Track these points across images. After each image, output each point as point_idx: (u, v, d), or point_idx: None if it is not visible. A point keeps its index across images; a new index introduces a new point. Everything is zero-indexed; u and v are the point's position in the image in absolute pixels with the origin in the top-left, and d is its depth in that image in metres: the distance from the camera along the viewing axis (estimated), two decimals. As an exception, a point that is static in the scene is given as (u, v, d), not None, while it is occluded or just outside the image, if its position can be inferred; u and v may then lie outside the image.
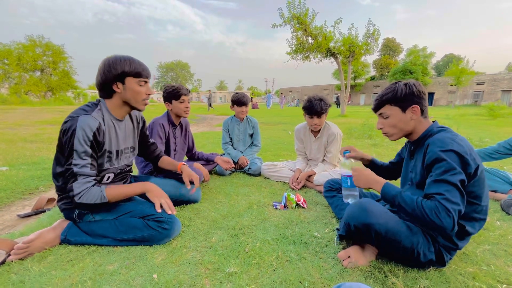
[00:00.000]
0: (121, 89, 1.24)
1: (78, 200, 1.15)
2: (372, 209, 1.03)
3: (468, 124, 8.16)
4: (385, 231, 1.00)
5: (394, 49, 49.28)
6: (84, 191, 1.16)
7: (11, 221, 1.59)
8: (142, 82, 1.27)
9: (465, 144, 0.97)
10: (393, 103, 1.11)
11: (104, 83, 1.23)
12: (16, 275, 1.03)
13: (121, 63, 1.20)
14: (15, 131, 5.34)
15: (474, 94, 31.75)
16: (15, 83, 22.50)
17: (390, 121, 1.14)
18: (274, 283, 1.00)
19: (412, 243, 1.02)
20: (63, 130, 1.16)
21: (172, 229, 1.26)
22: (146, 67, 1.29)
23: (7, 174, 2.36)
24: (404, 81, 1.11)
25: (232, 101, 2.72)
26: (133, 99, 1.28)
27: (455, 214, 0.89)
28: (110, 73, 1.20)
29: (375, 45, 11.92)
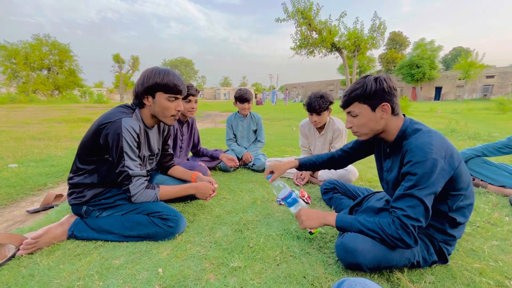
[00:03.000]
0: (151, 103, 1.27)
1: (134, 200, 1.25)
2: (357, 247, 0.95)
3: (477, 119, 8.00)
4: (377, 264, 0.97)
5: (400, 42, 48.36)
6: (140, 192, 1.25)
7: (21, 217, 1.63)
8: (172, 98, 1.27)
9: (442, 146, 0.91)
10: (362, 100, 1.03)
11: (137, 95, 1.27)
12: (25, 268, 1.06)
13: (155, 76, 1.22)
14: (23, 129, 5.44)
15: (484, 88, 31.04)
16: (23, 82, 22.88)
17: (359, 120, 1.06)
18: (278, 278, 1.01)
19: (408, 259, 1.00)
20: (106, 133, 1.16)
21: (177, 226, 1.27)
22: (181, 83, 1.28)
23: (16, 171, 2.41)
24: (374, 76, 1.02)
25: (235, 97, 2.71)
26: (161, 114, 1.29)
27: (414, 230, 0.89)
28: (143, 85, 1.23)
29: (381, 39, 11.74)
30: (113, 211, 1.30)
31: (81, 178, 1.27)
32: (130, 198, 1.25)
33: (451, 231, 1.03)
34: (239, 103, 2.68)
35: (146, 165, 1.41)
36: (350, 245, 0.97)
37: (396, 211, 0.93)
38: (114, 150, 1.17)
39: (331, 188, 1.70)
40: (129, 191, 1.22)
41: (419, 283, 0.98)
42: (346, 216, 1.06)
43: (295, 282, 0.99)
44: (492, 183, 1.95)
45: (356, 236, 0.99)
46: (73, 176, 1.28)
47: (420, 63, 30.51)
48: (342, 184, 1.69)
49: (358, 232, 1.00)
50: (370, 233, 0.97)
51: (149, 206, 1.29)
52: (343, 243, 1.00)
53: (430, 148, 0.90)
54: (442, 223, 1.02)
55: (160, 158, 1.62)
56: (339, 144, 2.17)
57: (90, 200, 1.28)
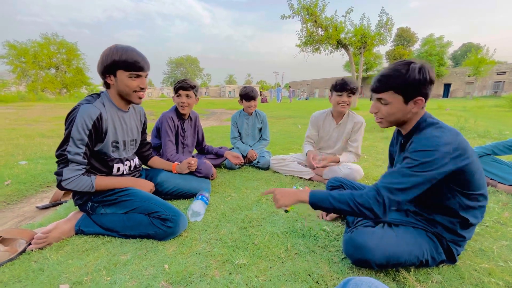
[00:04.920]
0: (114, 81, 1.24)
1: (64, 185, 1.16)
2: (366, 243, 0.94)
3: (487, 116, 7.82)
4: (386, 261, 0.95)
5: (408, 39, 47.46)
6: (73, 178, 1.17)
7: (31, 213, 1.67)
8: (134, 75, 1.23)
9: (451, 142, 0.87)
10: (398, 90, 0.95)
11: (100, 75, 1.24)
12: (36, 263, 1.08)
13: (113, 54, 1.18)
14: (33, 126, 5.55)
15: (494, 84, 30.30)
16: (32, 80, 23.28)
17: (388, 109, 0.99)
18: (283, 275, 1.01)
19: (417, 257, 0.98)
20: (66, 118, 1.19)
21: (177, 226, 1.25)
22: (141, 59, 1.23)
23: (26, 168, 2.46)
24: (419, 65, 0.92)
25: (240, 95, 2.67)
26: (125, 92, 1.26)
27: (387, 202, 0.87)
28: (102, 64, 1.20)
29: (388, 35, 11.52)
30: (116, 208, 1.31)
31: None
32: (60, 183, 1.16)
33: (461, 231, 1.00)
34: (245, 101, 2.64)
35: (128, 151, 1.41)
36: (359, 240, 0.96)
37: (377, 183, 0.92)
38: (64, 134, 1.16)
39: (337, 185, 1.67)
40: (61, 175, 1.14)
41: (426, 283, 0.97)
42: (320, 192, 1.01)
43: (300, 280, 0.99)
44: (503, 182, 1.90)
45: (365, 231, 0.98)
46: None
47: (428, 59, 29.88)
48: (349, 181, 1.67)
49: (330, 207, 0.96)
50: (341, 206, 0.94)
51: (149, 205, 1.28)
52: (351, 239, 0.99)
53: (437, 141, 0.87)
54: (453, 222, 1.00)
55: (139, 148, 1.60)
56: (360, 137, 2.08)
57: (94, 198, 1.30)
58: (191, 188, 1.74)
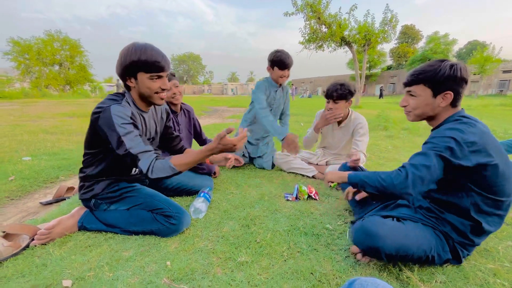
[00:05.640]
0: (134, 84, 1.19)
1: (152, 176, 1.11)
2: (377, 231, 0.95)
3: (492, 115, 7.73)
4: (395, 251, 0.95)
5: (413, 36, 46.99)
6: (151, 164, 1.11)
7: (34, 208, 1.68)
8: (155, 77, 1.17)
9: (472, 136, 0.89)
10: (428, 83, 1.01)
11: (120, 77, 1.20)
12: (39, 258, 1.09)
13: (132, 54, 1.11)
14: (36, 123, 5.58)
15: (500, 83, 29.93)
16: (35, 77, 23.41)
17: (416, 101, 1.05)
18: (285, 274, 1.00)
19: (424, 251, 0.98)
20: (100, 124, 1.12)
21: (180, 224, 1.25)
22: (161, 57, 1.15)
23: (30, 164, 2.48)
24: (451, 62, 0.98)
25: (272, 61, 2.17)
26: (147, 94, 1.21)
27: (411, 176, 0.93)
28: (121, 66, 1.15)
29: (393, 33, 11.41)
30: (120, 205, 1.31)
31: (90, 169, 1.28)
32: (148, 177, 1.12)
33: (471, 235, 0.99)
34: (278, 69, 2.16)
35: None
36: (371, 228, 0.97)
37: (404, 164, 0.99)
38: (111, 137, 1.11)
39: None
40: (142, 170, 1.12)
41: (430, 283, 0.96)
42: (355, 173, 1.15)
43: (302, 278, 0.98)
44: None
45: (377, 220, 1.00)
46: (83, 169, 1.30)
47: (433, 57, 29.56)
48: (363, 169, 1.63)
49: (362, 183, 1.08)
50: (370, 182, 1.04)
51: (153, 202, 1.28)
52: (363, 226, 0.99)
53: (455, 133, 0.91)
54: (464, 224, 0.98)
55: (168, 143, 1.57)
56: (362, 137, 2.05)
57: (99, 194, 1.30)
58: (194, 185, 1.74)
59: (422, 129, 4.86)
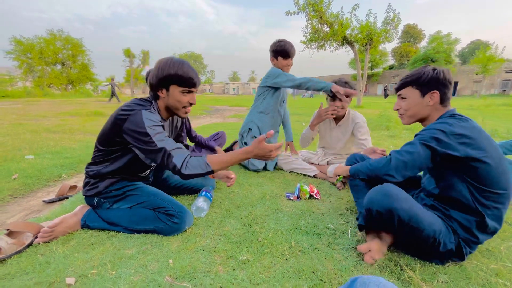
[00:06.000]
0: (165, 95, 1.26)
1: (186, 172, 1.13)
2: (396, 193, 0.98)
3: (495, 115, 7.69)
4: (408, 218, 0.96)
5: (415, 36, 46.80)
6: (186, 160, 1.14)
7: (37, 206, 1.69)
8: (186, 91, 1.25)
9: (460, 130, 0.95)
10: (415, 85, 1.12)
11: (152, 87, 1.26)
12: (42, 256, 1.10)
13: (169, 68, 1.19)
14: (39, 122, 5.61)
15: (503, 83, 29.77)
16: (38, 76, 23.53)
17: (407, 102, 1.15)
18: (286, 272, 1.01)
19: (434, 231, 0.98)
20: (128, 126, 1.15)
21: (183, 223, 1.26)
22: (195, 75, 1.25)
23: (32, 163, 2.49)
24: (433, 66, 1.10)
25: (275, 51, 2.14)
26: (174, 106, 1.28)
27: (394, 160, 1.04)
28: (157, 77, 1.22)
29: (395, 32, 11.35)
30: (123, 203, 1.32)
31: (101, 166, 1.28)
32: (181, 173, 1.14)
33: (476, 232, 1.00)
34: (282, 59, 2.13)
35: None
36: (392, 190, 1.00)
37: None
38: (141, 139, 1.14)
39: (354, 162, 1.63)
40: (175, 166, 1.13)
41: (432, 282, 0.96)
42: (354, 165, 1.28)
43: (304, 277, 0.98)
44: (511, 182, 1.87)
45: (396, 186, 1.03)
46: (92, 165, 1.30)
47: (435, 57, 29.43)
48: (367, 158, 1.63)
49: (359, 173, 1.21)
50: (362, 169, 1.17)
51: (155, 200, 1.29)
52: (383, 187, 1.02)
53: (445, 126, 0.98)
54: (469, 221, 1.00)
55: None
56: (364, 135, 2.03)
57: (102, 192, 1.31)
58: (196, 183, 1.74)
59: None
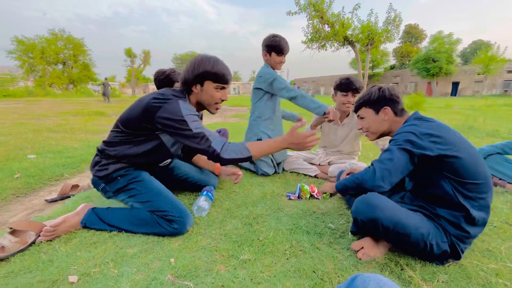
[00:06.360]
0: (198, 91, 1.29)
1: (225, 156, 1.17)
2: (378, 203, 1.02)
3: (496, 115, 7.68)
4: (393, 225, 0.99)
5: (416, 36, 46.67)
6: (225, 145, 1.19)
7: (40, 205, 1.70)
8: (220, 87, 1.29)
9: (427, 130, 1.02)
10: (367, 105, 1.25)
11: (186, 82, 1.28)
12: (45, 254, 1.11)
13: (205, 64, 1.23)
14: (40, 121, 5.63)
15: (504, 83, 29.65)
16: (39, 76, 23.59)
17: (366, 121, 1.27)
18: (287, 272, 1.01)
19: (422, 235, 1.00)
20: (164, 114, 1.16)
21: (182, 228, 1.25)
22: (229, 72, 1.29)
23: (35, 162, 2.51)
24: (379, 86, 1.25)
25: (268, 46, 2.03)
26: (207, 102, 1.31)
27: (378, 170, 1.04)
28: (192, 73, 1.24)
29: (396, 32, 11.35)
30: (125, 195, 1.32)
31: (122, 148, 1.28)
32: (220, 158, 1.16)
33: (466, 226, 1.01)
34: (276, 55, 2.04)
35: (178, 149, 1.46)
36: (373, 199, 1.03)
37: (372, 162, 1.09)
38: (177, 127, 1.16)
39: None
40: (214, 149, 1.16)
41: (432, 282, 0.96)
42: (340, 181, 1.24)
43: (304, 276, 0.99)
44: (511, 182, 1.87)
45: (379, 195, 1.06)
46: (116, 146, 1.29)
47: (436, 57, 29.38)
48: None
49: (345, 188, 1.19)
50: (349, 185, 1.15)
51: (157, 202, 1.27)
52: (365, 198, 1.06)
53: (413, 128, 1.05)
54: (456, 216, 1.01)
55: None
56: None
57: (109, 174, 1.29)
58: (199, 179, 1.74)
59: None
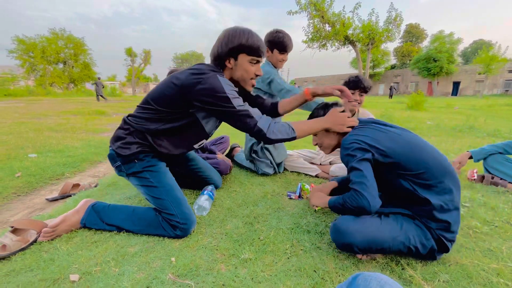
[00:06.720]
0: (232, 65, 1.22)
1: (271, 136, 1.13)
2: (346, 229, 1.02)
3: (497, 115, 7.66)
4: (368, 245, 1.00)
5: (417, 35, 46.60)
6: (271, 124, 1.15)
7: (41, 204, 1.70)
8: (254, 61, 1.23)
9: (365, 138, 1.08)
10: None
11: (219, 56, 1.21)
12: (46, 253, 1.11)
13: (239, 36, 1.17)
14: (41, 120, 5.64)
15: (505, 83, 29.58)
16: (40, 75, 23.63)
17: (318, 137, 1.34)
18: (288, 271, 1.01)
19: (402, 243, 1.01)
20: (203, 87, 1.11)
21: (185, 233, 1.23)
22: (263, 44, 1.22)
23: (36, 161, 2.51)
24: (324, 103, 1.35)
25: (272, 42, 1.90)
26: (242, 78, 1.25)
27: (364, 192, 1.01)
28: (227, 46, 1.18)
29: (397, 32, 11.34)
30: (138, 182, 1.28)
31: (155, 125, 1.23)
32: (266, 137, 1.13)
33: (441, 215, 1.01)
34: (278, 52, 1.91)
35: (213, 130, 1.42)
36: (342, 226, 1.04)
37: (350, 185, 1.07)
38: (220, 104, 1.11)
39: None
40: (261, 130, 1.11)
41: (433, 281, 0.96)
42: (334, 198, 1.19)
43: (305, 275, 0.99)
44: (513, 182, 1.87)
45: (348, 218, 1.06)
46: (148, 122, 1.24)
47: (437, 56, 29.34)
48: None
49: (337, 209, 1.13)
50: (340, 206, 1.10)
51: (165, 202, 1.23)
52: (335, 225, 1.07)
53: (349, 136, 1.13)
54: (428, 210, 1.02)
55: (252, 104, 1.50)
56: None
57: (129, 156, 1.25)
58: (208, 176, 1.74)
59: (425, 129, 4.84)
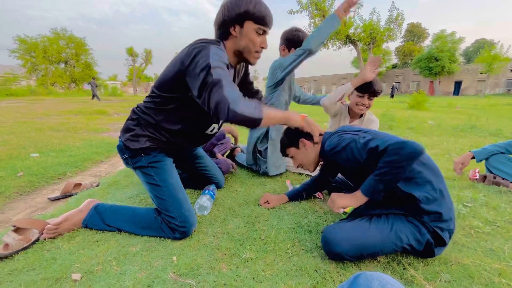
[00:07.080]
0: (237, 34, 1.15)
1: (236, 108, 0.97)
2: (334, 237, 1.01)
3: (499, 115, 7.63)
4: (359, 252, 0.99)
5: (419, 34, 46.42)
6: (238, 97, 1.00)
7: (43, 204, 1.71)
8: (261, 31, 1.16)
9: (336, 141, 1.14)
10: (287, 146, 1.39)
11: (223, 23, 1.15)
12: (48, 252, 1.11)
13: (246, 2, 1.10)
14: (43, 120, 5.66)
15: (508, 82, 29.44)
16: (42, 75, 23.72)
17: (296, 158, 1.39)
18: (289, 270, 1.01)
19: (394, 244, 1.00)
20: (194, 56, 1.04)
21: (184, 236, 1.23)
22: (271, 14, 1.16)
23: (37, 160, 2.52)
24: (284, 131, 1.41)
25: (291, 41, 1.93)
26: (246, 49, 1.18)
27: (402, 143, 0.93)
28: (233, 11, 1.11)
29: (398, 31, 11.33)
30: (143, 177, 1.28)
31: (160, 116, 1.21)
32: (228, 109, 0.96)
33: (429, 206, 0.99)
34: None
35: None
36: (329, 237, 1.03)
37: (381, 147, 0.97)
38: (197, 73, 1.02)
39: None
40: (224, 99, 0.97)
41: (434, 281, 0.96)
42: (366, 182, 1.04)
43: (306, 275, 0.99)
44: (515, 182, 1.86)
45: (335, 227, 1.06)
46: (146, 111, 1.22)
47: (439, 56, 29.21)
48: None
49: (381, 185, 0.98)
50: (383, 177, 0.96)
51: (167, 204, 1.22)
52: (323, 236, 1.07)
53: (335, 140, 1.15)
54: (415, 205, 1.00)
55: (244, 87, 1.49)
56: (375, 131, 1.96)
57: (137, 150, 1.24)
58: (213, 175, 1.74)
59: (427, 128, 4.82)
